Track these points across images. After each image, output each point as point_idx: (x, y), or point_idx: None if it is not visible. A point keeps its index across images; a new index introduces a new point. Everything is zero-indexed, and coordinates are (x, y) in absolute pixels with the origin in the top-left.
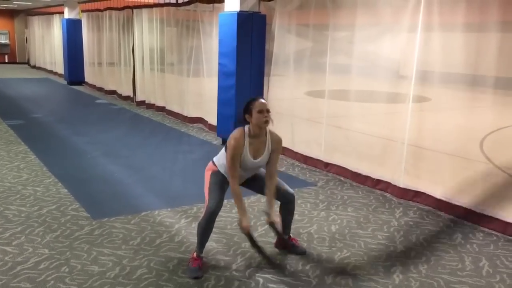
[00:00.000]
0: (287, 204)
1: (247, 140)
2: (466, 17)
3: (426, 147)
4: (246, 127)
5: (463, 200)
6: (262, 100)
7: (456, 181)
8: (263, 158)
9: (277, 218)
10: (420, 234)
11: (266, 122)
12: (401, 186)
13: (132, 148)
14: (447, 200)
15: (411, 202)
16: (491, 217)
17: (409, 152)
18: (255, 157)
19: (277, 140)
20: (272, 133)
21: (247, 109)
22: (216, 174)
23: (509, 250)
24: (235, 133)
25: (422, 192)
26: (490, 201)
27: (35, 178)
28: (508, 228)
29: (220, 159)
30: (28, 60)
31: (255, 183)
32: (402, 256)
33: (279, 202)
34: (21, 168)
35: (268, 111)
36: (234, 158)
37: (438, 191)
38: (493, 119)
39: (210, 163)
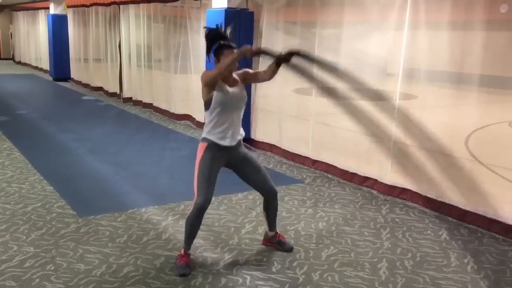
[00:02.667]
0: (270, 200)
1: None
2: (452, 15)
3: (412, 145)
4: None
5: (449, 197)
6: (234, 51)
7: (442, 178)
8: (240, 89)
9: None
10: (406, 231)
11: (232, 70)
12: (388, 183)
13: (118, 145)
14: (432, 197)
15: (397, 199)
16: (475, 214)
17: (396, 150)
18: (231, 87)
19: (241, 71)
20: (236, 72)
21: (216, 54)
22: (208, 151)
23: (493, 247)
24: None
25: (408, 189)
26: (475, 198)
27: (20, 175)
28: (493, 225)
29: (205, 128)
30: (13, 56)
31: (245, 169)
32: (388, 252)
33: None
34: (5, 165)
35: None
36: (209, 82)
37: (424, 188)
38: (478, 116)
39: (200, 142)
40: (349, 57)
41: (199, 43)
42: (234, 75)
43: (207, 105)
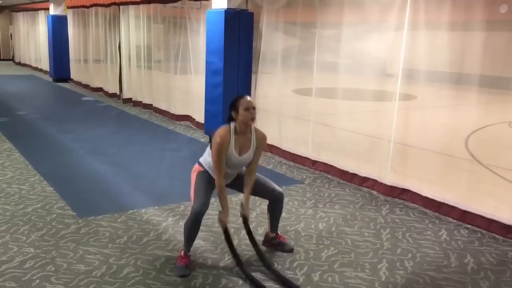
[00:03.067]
0: (275, 203)
1: (233, 137)
2: (451, 15)
3: (412, 145)
4: (232, 124)
5: (448, 197)
6: (249, 98)
7: (442, 178)
8: (248, 155)
9: (248, 213)
10: (406, 231)
11: (252, 119)
12: (388, 183)
13: (118, 145)
14: (432, 197)
15: (397, 199)
16: (475, 214)
17: (396, 150)
18: (240, 154)
19: (262, 137)
20: (257, 130)
21: (234, 106)
22: (203, 173)
23: (493, 247)
24: (221, 130)
25: (408, 190)
26: (474, 199)
27: (20, 176)
28: (492, 225)
29: (206, 158)
30: (13, 56)
31: (238, 182)
32: (388, 253)
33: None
34: (5, 166)
35: (254, 108)
36: (220, 155)
37: (424, 189)
38: (478, 117)
39: (196, 164)
40: (348, 58)
41: (199, 44)
42: (254, 134)
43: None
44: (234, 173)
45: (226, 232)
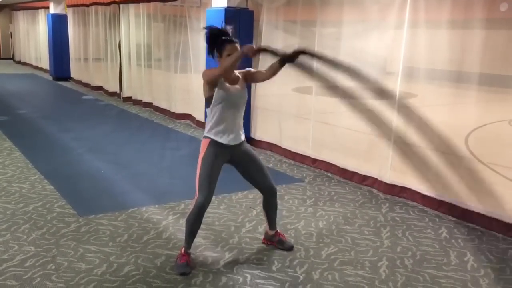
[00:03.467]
0: (269, 198)
1: None
2: (451, 14)
3: (412, 143)
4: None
5: (448, 196)
6: (236, 45)
7: (441, 176)
8: (241, 87)
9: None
10: (406, 229)
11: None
12: (388, 182)
13: (119, 144)
14: (432, 195)
15: (397, 197)
16: (475, 212)
17: (396, 148)
18: (231, 85)
19: (244, 70)
20: (238, 71)
21: (219, 49)
22: (209, 148)
23: (493, 245)
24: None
25: (408, 188)
26: (474, 197)
27: (21, 175)
28: (492, 223)
29: (207, 125)
30: (13, 55)
31: (247, 165)
32: (388, 251)
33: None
34: (6, 165)
35: None
36: (211, 80)
37: (423, 187)
38: (478, 115)
39: (203, 139)
40: (348, 56)
41: (199, 43)
42: (236, 73)
43: (208, 102)
44: (236, 108)
45: (259, 49)
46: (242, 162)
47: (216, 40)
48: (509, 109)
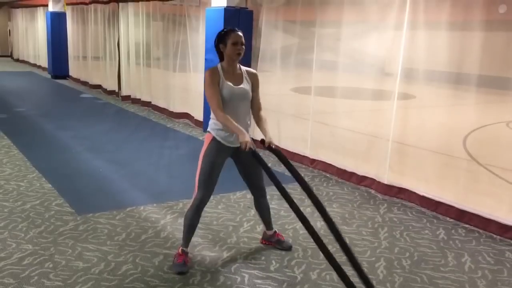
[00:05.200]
0: (260, 199)
1: (221, 72)
2: (451, 15)
3: (410, 144)
4: (219, 64)
5: (446, 197)
6: (239, 33)
7: (439, 178)
8: (244, 86)
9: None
10: (404, 230)
11: (239, 54)
12: (386, 182)
13: (117, 143)
14: (430, 196)
15: (395, 198)
16: (473, 213)
17: (394, 149)
18: (235, 85)
19: (253, 73)
20: (246, 68)
21: (222, 39)
22: (211, 145)
23: (490, 246)
24: (208, 69)
25: (406, 189)
26: (472, 198)
27: (19, 173)
28: (490, 225)
29: (211, 120)
30: (11, 53)
31: (246, 161)
32: (386, 252)
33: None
34: (4, 163)
35: (242, 43)
36: (213, 86)
37: (421, 188)
38: (476, 116)
39: (207, 133)
40: (348, 57)
41: (198, 42)
42: (243, 69)
43: None
44: (238, 107)
45: (254, 153)
46: (242, 157)
47: (222, 38)
48: (507, 111)
